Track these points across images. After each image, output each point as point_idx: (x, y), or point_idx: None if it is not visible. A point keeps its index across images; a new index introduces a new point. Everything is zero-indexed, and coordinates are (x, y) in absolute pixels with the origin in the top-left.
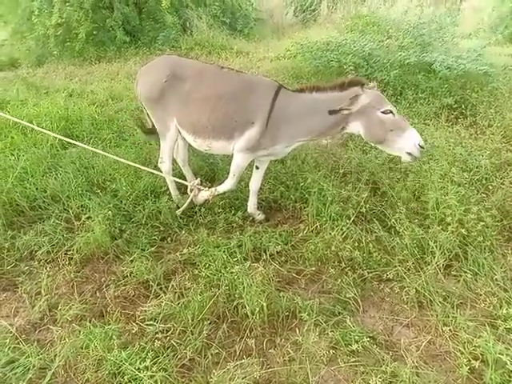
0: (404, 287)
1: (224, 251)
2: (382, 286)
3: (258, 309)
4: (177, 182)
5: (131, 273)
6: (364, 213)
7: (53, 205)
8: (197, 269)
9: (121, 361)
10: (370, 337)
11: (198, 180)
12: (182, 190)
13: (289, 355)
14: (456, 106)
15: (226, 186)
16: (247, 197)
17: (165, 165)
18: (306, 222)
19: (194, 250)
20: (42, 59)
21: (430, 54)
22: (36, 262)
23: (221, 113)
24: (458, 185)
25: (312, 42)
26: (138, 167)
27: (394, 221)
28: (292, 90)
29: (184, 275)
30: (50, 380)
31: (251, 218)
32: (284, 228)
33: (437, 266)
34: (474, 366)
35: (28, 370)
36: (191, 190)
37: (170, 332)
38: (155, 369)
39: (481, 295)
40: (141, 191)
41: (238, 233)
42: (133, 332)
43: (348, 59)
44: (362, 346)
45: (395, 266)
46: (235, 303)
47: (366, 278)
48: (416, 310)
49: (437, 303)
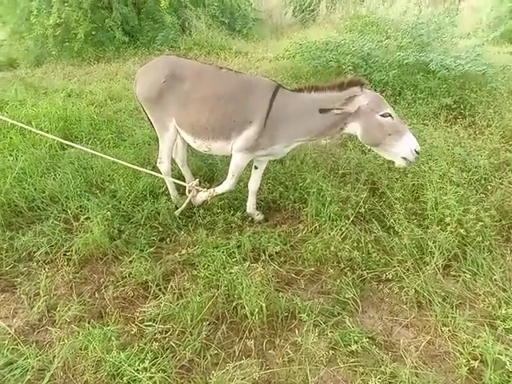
0: (403, 287)
1: (223, 252)
2: (381, 286)
3: (257, 309)
4: (176, 183)
5: (130, 273)
6: (363, 213)
7: (51, 205)
8: (196, 269)
9: (120, 362)
10: (369, 337)
11: (196, 181)
12: (180, 190)
13: (288, 356)
14: (455, 106)
15: (225, 186)
16: (246, 197)
17: (164, 165)
18: (305, 222)
19: (193, 251)
20: (41, 59)
21: (428, 54)
22: (34, 263)
23: (220, 113)
24: (457, 185)
25: (311, 42)
26: (134, 168)
27: (392, 221)
28: (291, 89)
29: (183, 276)
30: (48, 381)
31: (250, 219)
32: (283, 228)
33: (436, 267)
34: (474, 367)
35: (27, 371)
36: (189, 191)
37: (169, 333)
38: (154, 370)
39: (480, 295)
40: (139, 192)
41: (237, 233)
42: (132, 333)
43: (347, 59)
44: (361, 346)
45: (394, 267)
46: (234, 304)
47: (365, 279)
48: (415, 310)
49: (436, 303)
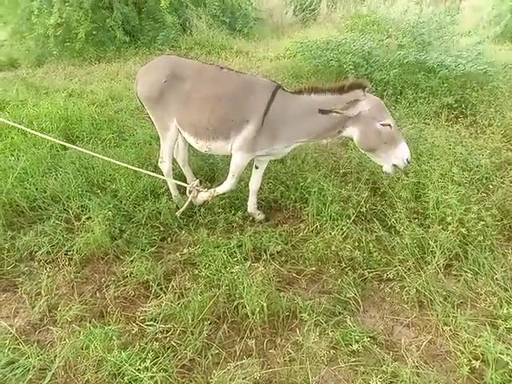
0: (404, 287)
1: (224, 251)
2: (382, 285)
3: (258, 309)
4: (176, 183)
5: (131, 273)
6: (364, 212)
7: (53, 205)
8: (197, 269)
9: (121, 361)
10: (370, 337)
11: (197, 181)
12: (181, 189)
13: (289, 355)
14: (456, 105)
15: (226, 186)
16: (247, 197)
17: (165, 165)
18: (306, 221)
19: (194, 250)
20: (42, 59)
21: (429, 53)
22: (36, 263)
23: (220, 113)
24: (459, 184)
25: (312, 42)
26: (134, 169)
27: (394, 220)
28: (290, 91)
29: (184, 275)
30: (49, 381)
31: (251, 218)
32: (284, 228)
33: (437, 266)
34: (475, 366)
35: (28, 370)
36: (190, 192)
37: (170, 332)
38: (155, 369)
39: (481, 295)
40: (141, 191)
41: (238, 233)
42: (133, 332)
43: (348, 58)
44: (362, 346)
45: (395, 266)
46: (235, 303)
47: (367, 278)
48: (416, 309)
49: (437, 303)
